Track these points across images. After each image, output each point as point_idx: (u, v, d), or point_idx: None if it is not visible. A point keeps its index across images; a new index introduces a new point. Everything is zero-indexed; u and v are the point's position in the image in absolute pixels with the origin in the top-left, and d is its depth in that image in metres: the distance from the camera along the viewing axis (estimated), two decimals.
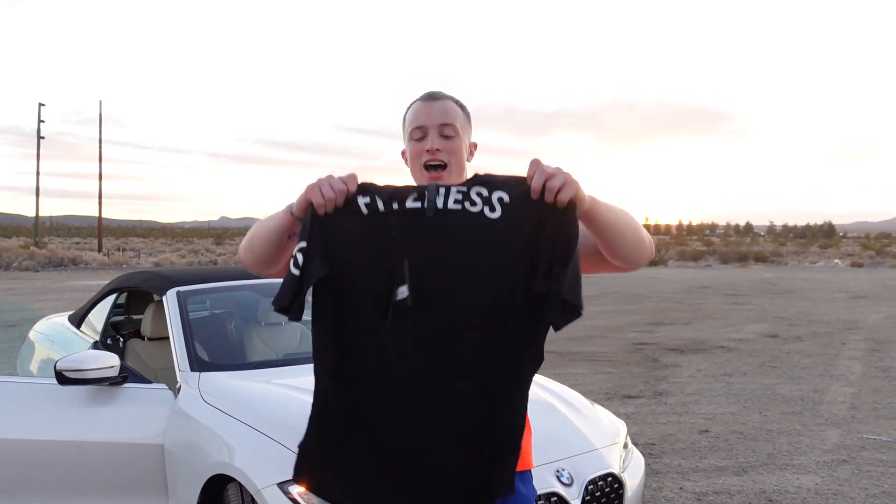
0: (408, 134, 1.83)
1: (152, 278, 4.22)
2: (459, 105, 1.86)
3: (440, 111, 1.80)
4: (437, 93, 1.85)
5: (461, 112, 1.84)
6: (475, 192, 1.54)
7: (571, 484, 2.78)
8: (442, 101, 1.82)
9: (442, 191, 1.55)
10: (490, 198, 1.53)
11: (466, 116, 1.87)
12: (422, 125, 1.79)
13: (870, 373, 8.25)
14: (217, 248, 47.58)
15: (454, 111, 1.82)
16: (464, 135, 1.83)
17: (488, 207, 1.52)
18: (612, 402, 6.66)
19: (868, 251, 46.35)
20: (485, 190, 1.54)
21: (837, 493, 4.50)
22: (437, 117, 1.79)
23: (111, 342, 4.60)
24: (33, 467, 3.13)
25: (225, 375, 3.35)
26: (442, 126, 1.79)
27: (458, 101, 1.87)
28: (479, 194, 1.53)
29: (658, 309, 14.91)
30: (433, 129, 1.78)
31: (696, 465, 4.99)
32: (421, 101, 1.84)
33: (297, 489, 2.54)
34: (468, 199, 1.53)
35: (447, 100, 1.84)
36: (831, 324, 12.61)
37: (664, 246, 52.39)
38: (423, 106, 1.82)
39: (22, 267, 27.59)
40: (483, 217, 1.52)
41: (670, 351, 9.69)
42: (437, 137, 1.78)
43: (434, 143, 1.77)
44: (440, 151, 1.77)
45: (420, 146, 1.79)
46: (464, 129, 1.83)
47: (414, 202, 1.54)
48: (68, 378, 3.09)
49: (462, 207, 1.53)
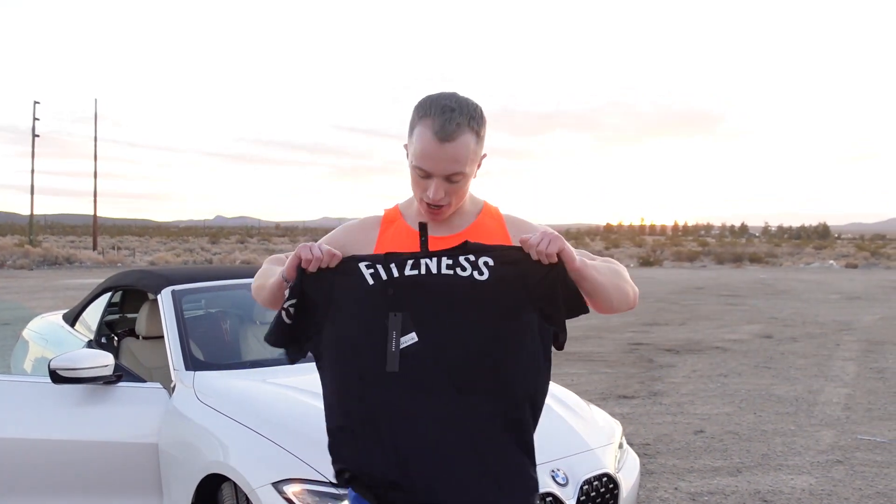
0: (411, 162, 1.70)
1: (147, 277, 4.21)
2: (475, 130, 1.67)
3: (451, 158, 1.64)
4: (451, 129, 1.62)
5: (473, 144, 1.67)
6: (462, 258, 1.68)
7: (567, 484, 2.78)
8: (454, 144, 1.63)
9: (434, 260, 1.68)
10: (477, 262, 1.67)
11: (480, 141, 1.70)
12: (427, 170, 1.66)
13: (864, 374, 8.27)
14: (212, 247, 47.50)
15: (465, 153, 1.64)
16: (472, 168, 1.70)
17: (476, 272, 1.66)
18: (607, 402, 6.66)
19: (863, 252, 46.48)
20: (472, 256, 1.68)
21: (832, 493, 4.51)
22: (446, 167, 1.64)
23: (105, 341, 4.58)
24: (27, 466, 3.12)
25: (220, 375, 3.34)
26: (449, 175, 1.66)
27: (475, 123, 1.67)
28: (468, 259, 1.67)
29: (653, 309, 14.92)
30: (439, 177, 1.66)
31: (691, 465, 5.00)
32: (433, 138, 1.63)
33: (291, 488, 2.54)
34: (458, 265, 1.67)
35: (461, 136, 1.63)
36: (826, 325, 12.64)
37: (659, 246, 52.45)
38: (434, 148, 1.63)
39: (16, 265, 27.52)
40: (473, 279, 1.66)
41: (665, 351, 9.70)
42: (441, 184, 1.67)
43: (438, 193, 1.67)
44: (443, 197, 1.69)
45: (423, 183, 1.69)
46: (473, 163, 1.70)
47: (411, 270, 1.67)
48: (62, 377, 3.08)
49: (453, 272, 1.66)
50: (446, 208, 1.72)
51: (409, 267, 1.67)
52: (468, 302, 1.64)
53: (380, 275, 1.67)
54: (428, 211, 1.73)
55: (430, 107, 1.66)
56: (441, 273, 1.66)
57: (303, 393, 3.10)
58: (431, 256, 1.68)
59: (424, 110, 1.66)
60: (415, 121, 1.68)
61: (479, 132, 1.68)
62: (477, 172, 1.76)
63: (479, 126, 1.68)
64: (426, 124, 1.64)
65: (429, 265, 1.67)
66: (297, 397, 3.08)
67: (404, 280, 1.66)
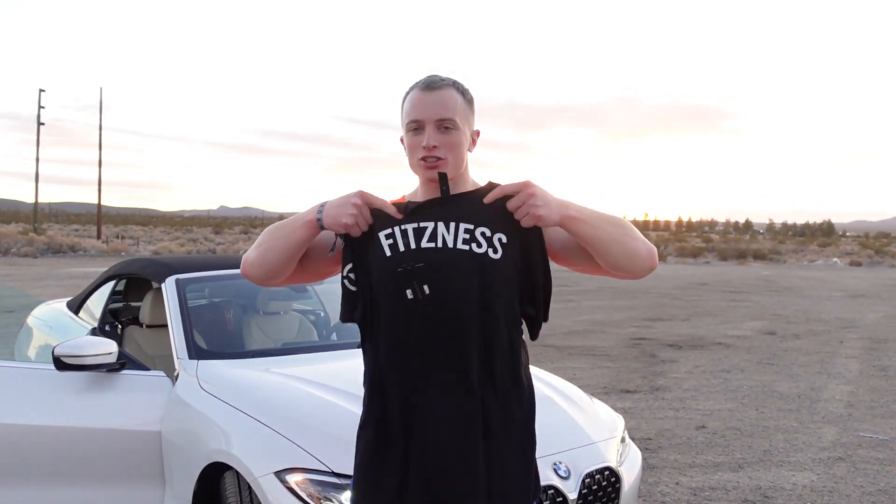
0: (405, 124, 1.75)
1: (151, 265, 4.21)
2: (461, 91, 1.76)
3: (439, 103, 1.71)
4: (436, 80, 1.74)
5: (462, 100, 1.75)
6: (479, 232, 1.72)
7: (569, 477, 2.78)
8: (441, 91, 1.72)
9: (452, 229, 1.72)
10: (492, 238, 1.71)
11: (468, 103, 1.77)
12: (418, 119, 1.71)
13: (867, 371, 8.26)
14: (216, 237, 47.54)
15: (454, 102, 1.72)
16: (464, 126, 1.74)
17: (491, 249, 1.71)
18: (609, 396, 6.67)
19: (867, 250, 46.36)
20: (488, 231, 1.72)
21: (833, 490, 4.51)
22: (436, 111, 1.70)
23: (109, 329, 4.59)
24: (30, 453, 3.12)
25: (223, 364, 3.34)
26: (440, 121, 1.70)
27: (460, 86, 1.77)
28: (483, 234, 1.71)
29: (656, 305, 14.91)
30: (431, 124, 1.70)
31: (693, 460, 5.00)
32: (419, 91, 1.73)
33: (294, 477, 2.54)
34: (474, 240, 1.71)
35: (447, 88, 1.73)
36: (829, 322, 12.62)
37: (663, 242, 52.38)
38: (421, 96, 1.72)
39: (21, 253, 27.57)
40: (487, 257, 1.71)
41: (668, 346, 9.70)
42: (434, 132, 1.70)
43: (431, 139, 1.70)
44: (437, 148, 1.70)
45: (417, 139, 1.72)
46: (464, 120, 1.74)
47: (428, 242, 1.72)
48: (66, 364, 3.08)
49: (469, 248, 1.71)
50: (443, 162, 1.72)
51: (426, 238, 1.72)
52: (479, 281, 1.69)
53: (398, 246, 1.72)
54: (426, 166, 1.73)
55: (416, 81, 1.79)
56: (457, 248, 1.70)
57: (306, 383, 3.11)
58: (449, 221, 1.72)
59: (411, 86, 1.79)
60: (403, 99, 1.79)
61: (465, 94, 1.77)
62: (473, 148, 1.82)
63: (465, 91, 1.78)
64: (413, 90, 1.77)
65: (445, 237, 1.71)
66: (300, 387, 3.08)
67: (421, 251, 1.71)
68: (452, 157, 1.73)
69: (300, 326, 4.25)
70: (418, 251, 1.71)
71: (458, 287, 1.69)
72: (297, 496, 2.51)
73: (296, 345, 3.95)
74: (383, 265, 1.72)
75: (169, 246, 33.54)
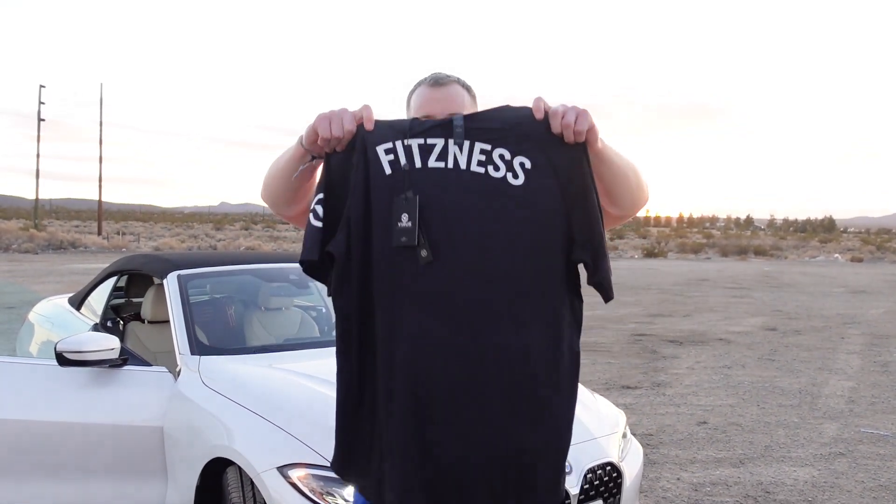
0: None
1: (153, 261, 4.22)
2: (465, 87, 1.80)
3: (447, 99, 1.75)
4: (442, 76, 1.79)
5: (467, 96, 1.79)
6: (497, 154, 1.51)
7: (570, 472, 2.78)
8: (448, 88, 1.77)
9: (466, 148, 1.52)
10: (512, 162, 1.51)
11: (473, 99, 1.82)
12: (428, 114, 1.73)
13: (868, 367, 8.26)
14: (217, 234, 47.56)
15: (461, 97, 1.77)
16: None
17: (511, 174, 1.51)
18: (610, 392, 6.67)
19: (868, 246, 46.34)
20: (507, 153, 1.51)
21: (834, 485, 4.51)
22: (445, 106, 1.73)
23: (111, 325, 4.59)
24: (32, 448, 3.13)
25: (225, 359, 3.35)
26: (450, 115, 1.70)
27: (464, 83, 1.81)
28: (502, 157, 1.51)
29: (658, 301, 14.91)
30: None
31: (694, 456, 5.00)
32: (427, 87, 1.78)
33: (296, 473, 2.55)
34: (491, 162, 1.51)
35: (453, 84, 1.78)
36: (830, 318, 12.62)
37: (664, 238, 52.35)
38: (430, 92, 1.77)
39: (21, 249, 27.59)
40: (506, 183, 1.50)
41: (669, 342, 9.70)
42: None
43: None
44: None
45: None
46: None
47: (437, 162, 1.52)
48: (68, 359, 3.08)
49: (485, 171, 1.51)
50: None
51: (434, 156, 1.52)
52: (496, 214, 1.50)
53: (399, 162, 1.53)
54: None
55: (421, 78, 1.82)
56: (470, 170, 1.52)
57: (308, 378, 3.11)
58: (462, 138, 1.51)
59: (417, 83, 1.82)
60: (410, 96, 1.82)
61: (469, 91, 1.80)
62: None
63: (469, 87, 1.81)
64: (420, 87, 1.80)
65: (457, 157, 1.52)
66: (302, 382, 3.08)
67: (427, 174, 1.52)
68: None
69: (302, 322, 4.25)
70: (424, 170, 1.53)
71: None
72: (299, 491, 2.51)
73: (297, 340, 3.95)
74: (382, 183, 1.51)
75: (170, 242, 33.56)
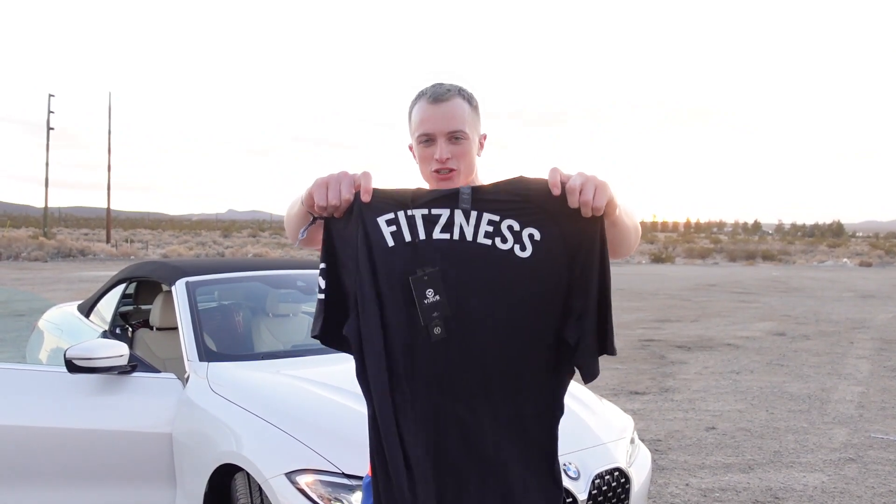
0: (415, 136, 1.76)
1: (161, 268, 4.23)
2: (466, 98, 1.76)
3: (448, 116, 1.71)
4: (442, 91, 1.74)
5: (468, 108, 1.75)
6: (506, 225, 1.47)
7: (578, 478, 2.78)
8: (448, 104, 1.72)
9: (473, 219, 1.47)
10: (521, 234, 1.47)
11: (474, 110, 1.78)
12: (429, 132, 1.72)
13: (878, 372, 8.21)
14: (225, 241, 47.68)
15: (461, 112, 1.73)
16: (472, 133, 1.76)
17: (519, 246, 1.47)
18: (618, 398, 6.65)
19: (877, 251, 46.10)
20: (517, 224, 1.47)
21: (844, 491, 4.48)
22: (446, 124, 1.71)
23: (120, 332, 4.62)
24: (42, 455, 3.15)
25: (233, 366, 3.36)
26: (450, 133, 1.71)
27: (465, 93, 1.77)
28: (511, 228, 1.47)
29: (665, 306, 14.87)
30: (441, 136, 1.71)
31: (703, 461, 4.98)
32: (427, 103, 1.73)
33: (304, 479, 2.55)
34: (499, 234, 1.47)
35: (453, 98, 1.73)
36: (839, 323, 12.56)
37: (672, 243, 52.21)
38: (430, 110, 1.72)
39: (31, 257, 27.73)
40: (513, 255, 1.47)
41: (677, 348, 9.67)
42: (445, 144, 1.71)
43: (443, 151, 1.71)
44: (450, 159, 1.71)
45: (428, 151, 1.73)
46: (472, 128, 1.76)
47: (442, 233, 1.48)
48: (78, 366, 3.10)
49: (492, 243, 1.47)
50: (455, 174, 1.73)
51: (439, 228, 1.49)
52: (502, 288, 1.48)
53: (402, 234, 1.50)
54: (439, 178, 1.73)
55: (422, 89, 1.79)
56: (477, 242, 1.49)
57: (316, 385, 3.12)
58: (469, 211, 1.47)
59: (417, 95, 1.79)
60: (411, 109, 1.79)
61: (470, 101, 1.77)
62: (482, 152, 1.82)
63: (471, 97, 1.78)
64: (420, 100, 1.76)
65: (464, 228, 1.49)
66: (310, 389, 3.09)
67: (432, 245, 1.49)
68: (464, 166, 1.74)
69: (309, 328, 4.26)
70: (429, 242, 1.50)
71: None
72: (307, 497, 2.52)
73: (305, 347, 3.96)
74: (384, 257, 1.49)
75: (178, 249, 33.67)
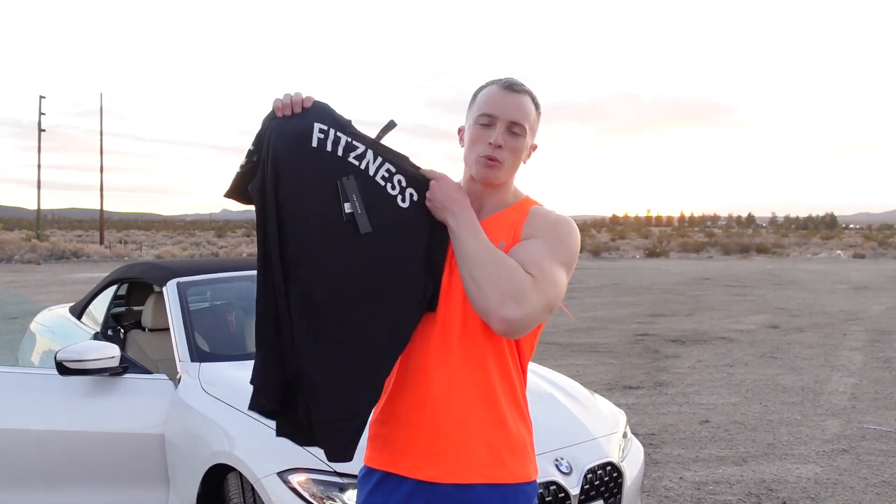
0: (475, 116, 1.74)
1: (153, 269, 4.22)
2: (535, 102, 1.76)
3: (517, 106, 1.71)
4: (517, 83, 1.74)
5: (534, 111, 1.76)
6: (397, 179, 1.69)
7: (570, 473, 2.79)
8: (520, 96, 1.73)
9: (378, 162, 1.67)
10: (405, 189, 1.70)
11: (538, 116, 1.78)
12: (493, 114, 1.70)
13: (871, 363, 8.25)
14: (219, 241, 47.62)
15: (529, 109, 1.73)
16: (530, 136, 1.75)
17: (401, 197, 1.69)
18: (612, 392, 6.67)
19: (870, 242, 46.29)
20: (404, 181, 1.70)
21: (837, 482, 4.51)
22: (512, 112, 1.70)
23: (112, 333, 4.60)
24: (35, 457, 3.14)
25: (225, 366, 3.35)
26: (513, 122, 1.70)
27: (535, 97, 1.77)
28: (399, 182, 1.70)
29: (659, 300, 14.91)
30: (503, 123, 1.70)
31: (697, 455, 5.00)
32: (499, 88, 1.73)
33: (296, 478, 2.55)
34: (390, 181, 1.69)
35: (526, 95, 1.74)
36: (833, 315, 12.61)
37: (666, 238, 52.32)
38: (501, 94, 1.72)
39: (24, 259, 27.63)
40: (395, 203, 1.69)
41: (671, 342, 9.70)
42: (504, 132, 1.70)
43: (500, 137, 1.69)
44: (502, 149, 1.70)
45: (484, 133, 1.71)
46: (531, 130, 1.75)
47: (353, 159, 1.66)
48: (69, 368, 3.09)
49: (384, 185, 1.68)
50: (500, 166, 1.71)
51: (352, 155, 1.66)
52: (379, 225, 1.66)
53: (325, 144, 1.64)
54: (486, 162, 1.71)
55: (495, 78, 1.77)
56: (374, 178, 1.67)
57: None
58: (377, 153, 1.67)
59: (489, 82, 1.77)
60: (478, 93, 1.78)
61: (537, 106, 1.78)
62: (528, 160, 1.81)
63: (538, 104, 1.79)
64: (492, 86, 1.75)
65: (370, 164, 1.67)
66: None
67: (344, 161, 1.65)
68: (510, 162, 1.72)
69: None
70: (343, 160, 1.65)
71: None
72: (300, 496, 2.52)
73: None
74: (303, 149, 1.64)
75: (171, 250, 33.60)
